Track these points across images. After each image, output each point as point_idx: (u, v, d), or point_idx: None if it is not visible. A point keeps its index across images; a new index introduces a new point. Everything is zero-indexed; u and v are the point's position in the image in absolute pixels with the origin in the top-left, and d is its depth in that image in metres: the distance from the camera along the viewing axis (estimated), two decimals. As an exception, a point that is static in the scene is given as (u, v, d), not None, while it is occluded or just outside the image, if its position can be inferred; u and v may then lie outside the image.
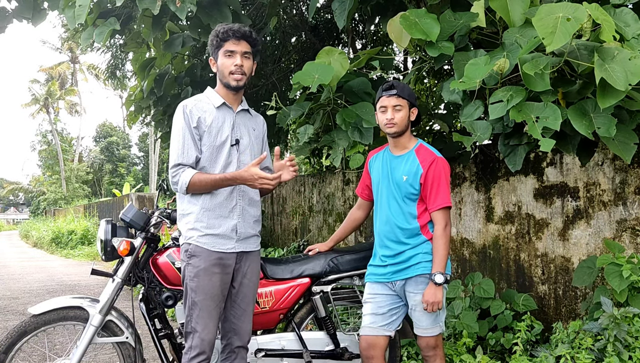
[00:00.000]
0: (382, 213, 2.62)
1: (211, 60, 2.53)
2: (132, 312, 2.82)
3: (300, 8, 7.01)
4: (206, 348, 2.39)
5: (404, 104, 2.52)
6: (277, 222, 7.77)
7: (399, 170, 2.55)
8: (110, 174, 42.02)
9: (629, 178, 3.25)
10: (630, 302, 2.91)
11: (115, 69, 9.50)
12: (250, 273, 2.56)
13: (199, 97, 2.53)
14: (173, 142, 2.43)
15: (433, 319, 2.51)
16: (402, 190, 2.53)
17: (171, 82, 5.47)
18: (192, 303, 2.39)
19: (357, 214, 2.97)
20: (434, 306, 2.41)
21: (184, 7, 3.68)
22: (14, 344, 2.58)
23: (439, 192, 2.47)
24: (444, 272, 2.41)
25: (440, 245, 2.44)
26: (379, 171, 2.66)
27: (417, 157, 2.54)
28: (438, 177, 2.48)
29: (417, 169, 2.50)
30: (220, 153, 2.44)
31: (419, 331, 2.56)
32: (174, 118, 2.47)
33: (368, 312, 2.64)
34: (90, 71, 38.74)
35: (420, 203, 2.53)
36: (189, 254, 2.41)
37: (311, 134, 3.50)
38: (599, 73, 2.21)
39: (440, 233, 2.45)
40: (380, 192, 2.65)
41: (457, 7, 3.04)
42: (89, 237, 16.79)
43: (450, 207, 2.50)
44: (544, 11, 2.31)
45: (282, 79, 7.29)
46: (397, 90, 2.52)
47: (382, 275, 2.61)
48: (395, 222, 2.55)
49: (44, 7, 4.75)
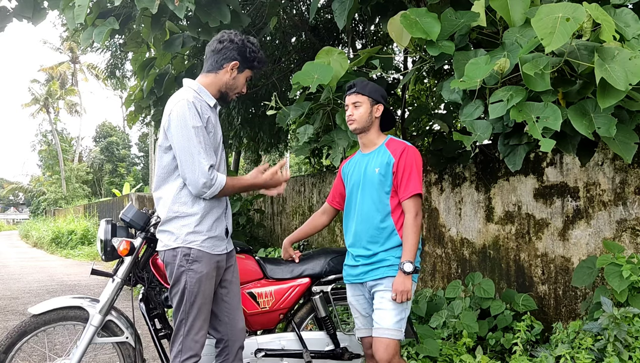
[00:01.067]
0: (358, 213, 2.58)
1: (234, 64, 2.42)
2: (132, 312, 2.82)
3: (300, 8, 7.01)
4: (199, 350, 2.38)
5: (363, 100, 2.55)
6: (277, 222, 7.77)
7: (371, 164, 2.56)
8: (110, 174, 42.03)
9: (629, 178, 3.24)
10: (630, 302, 2.91)
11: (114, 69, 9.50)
12: (234, 271, 2.61)
13: (193, 93, 2.37)
14: (195, 143, 2.25)
15: (397, 320, 2.41)
16: (375, 183, 2.51)
17: (171, 82, 5.47)
18: (189, 308, 2.34)
19: (321, 219, 2.93)
20: (403, 295, 2.34)
21: (183, 6, 3.67)
22: (14, 344, 2.57)
23: (410, 179, 2.45)
24: (413, 261, 2.36)
25: (410, 234, 2.39)
26: (353, 173, 2.66)
27: (387, 149, 2.55)
28: (410, 165, 2.47)
29: (388, 159, 2.50)
30: (217, 154, 2.42)
31: (379, 332, 2.41)
32: (183, 114, 2.28)
33: (355, 314, 2.67)
34: (91, 71, 38.75)
35: (394, 197, 2.51)
36: (191, 259, 2.32)
37: (311, 133, 3.50)
38: (599, 73, 2.20)
39: (411, 221, 2.41)
40: (354, 192, 2.62)
41: (458, 6, 3.03)
42: (89, 237, 16.79)
43: (421, 195, 2.48)
44: (543, 11, 2.31)
45: (282, 78, 7.28)
46: (356, 87, 2.57)
47: (355, 276, 2.59)
48: (370, 220, 2.51)
49: (44, 6, 4.75)
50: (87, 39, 4.29)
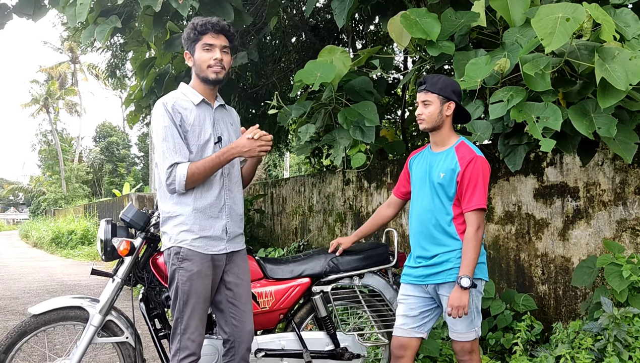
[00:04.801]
0: (418, 212, 2.53)
1: (187, 54, 2.45)
2: (132, 312, 2.81)
3: (301, 8, 7.01)
4: (196, 349, 2.38)
5: (433, 98, 2.41)
6: (277, 222, 7.76)
7: (437, 167, 2.47)
8: (110, 174, 42.00)
9: (629, 178, 3.25)
10: (630, 302, 2.91)
11: (115, 68, 9.49)
12: (242, 273, 2.54)
13: (175, 94, 2.44)
14: (161, 143, 2.29)
15: (468, 323, 2.43)
16: (438, 188, 2.45)
17: (171, 82, 5.47)
18: (183, 306, 2.35)
19: (387, 211, 2.86)
20: (458, 310, 2.30)
21: (186, 4, 3.66)
22: (14, 344, 2.57)
23: (474, 192, 2.36)
24: (471, 276, 2.31)
25: (470, 248, 2.33)
26: (418, 168, 2.58)
27: (456, 154, 2.43)
28: (475, 176, 2.36)
29: (455, 166, 2.40)
30: (204, 152, 2.38)
31: (453, 335, 2.48)
32: (155, 117, 2.36)
33: (400, 313, 2.59)
34: (91, 71, 38.71)
35: (457, 205, 2.44)
36: (181, 258, 2.34)
37: (312, 133, 3.50)
38: (599, 73, 2.21)
39: (472, 235, 2.34)
40: (417, 189, 2.57)
41: (458, 6, 3.04)
42: (89, 237, 16.77)
43: (485, 209, 2.39)
44: (543, 12, 2.31)
45: (282, 78, 7.28)
46: (426, 85, 2.43)
47: (415, 277, 2.53)
48: (430, 221, 2.46)
49: (44, 3, 4.75)
50: (88, 37, 4.29)
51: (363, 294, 3.08)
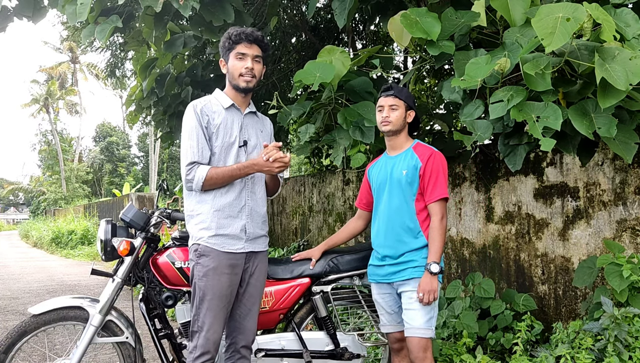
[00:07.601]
0: (384, 214, 2.64)
1: (222, 61, 2.56)
2: (132, 312, 2.81)
3: (300, 8, 7.01)
4: (211, 348, 2.38)
5: (400, 104, 2.60)
6: (277, 222, 7.76)
7: (398, 166, 2.61)
8: (110, 174, 41.99)
9: (629, 178, 3.24)
10: (631, 302, 2.91)
11: (115, 68, 9.49)
12: (257, 273, 2.57)
13: (208, 98, 2.55)
14: (186, 141, 2.43)
15: (427, 319, 2.49)
16: (402, 185, 2.57)
17: (172, 82, 5.47)
18: (199, 302, 2.39)
19: (357, 224, 2.97)
20: (429, 295, 2.41)
21: (188, 5, 3.66)
22: (14, 344, 2.57)
23: (436, 183, 2.52)
24: (439, 262, 2.44)
25: (437, 236, 2.47)
26: (380, 175, 2.71)
27: (415, 152, 2.61)
28: (437, 169, 2.53)
29: (416, 162, 2.56)
30: (229, 154, 2.46)
31: (411, 331, 2.49)
32: (184, 118, 2.48)
33: (381, 311, 2.72)
34: (91, 71, 38.70)
35: (419, 200, 2.57)
36: (199, 254, 2.41)
37: (312, 133, 3.50)
38: (599, 73, 2.20)
39: (437, 224, 2.49)
40: (380, 194, 2.68)
41: (458, 6, 3.04)
42: (89, 237, 16.78)
43: (447, 199, 2.55)
44: (543, 12, 2.31)
45: (282, 78, 7.29)
46: (394, 91, 2.62)
47: (383, 276, 2.64)
48: (396, 221, 2.58)
49: (44, 4, 4.75)
50: (88, 36, 4.29)
51: (363, 294, 3.08)
